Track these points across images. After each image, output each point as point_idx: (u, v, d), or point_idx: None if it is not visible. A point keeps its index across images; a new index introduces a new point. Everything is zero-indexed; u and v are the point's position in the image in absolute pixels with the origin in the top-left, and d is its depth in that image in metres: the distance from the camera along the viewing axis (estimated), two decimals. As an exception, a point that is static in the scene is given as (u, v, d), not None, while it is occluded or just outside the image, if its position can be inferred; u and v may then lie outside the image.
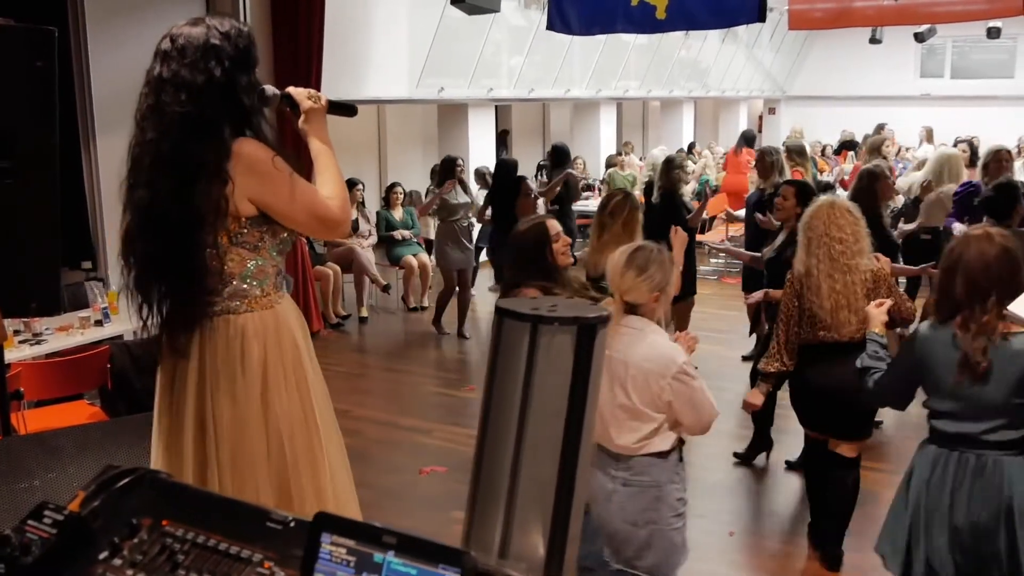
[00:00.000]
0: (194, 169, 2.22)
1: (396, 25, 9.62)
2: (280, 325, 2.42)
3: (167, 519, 1.06)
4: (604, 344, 1.00)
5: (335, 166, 2.49)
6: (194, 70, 2.25)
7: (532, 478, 0.98)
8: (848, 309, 3.80)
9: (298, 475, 2.41)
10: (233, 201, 2.26)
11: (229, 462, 2.35)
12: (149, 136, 2.27)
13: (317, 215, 2.37)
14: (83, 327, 5.24)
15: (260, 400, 2.36)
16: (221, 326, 2.34)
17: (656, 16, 5.82)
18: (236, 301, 2.36)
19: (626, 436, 2.86)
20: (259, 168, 2.28)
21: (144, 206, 2.28)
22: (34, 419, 4.51)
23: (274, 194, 2.31)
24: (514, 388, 1.00)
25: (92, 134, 6.15)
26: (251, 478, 2.36)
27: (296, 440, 2.41)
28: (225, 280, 2.34)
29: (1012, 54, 18.47)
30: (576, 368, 0.98)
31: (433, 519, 4.53)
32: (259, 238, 2.37)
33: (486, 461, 1.02)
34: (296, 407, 2.42)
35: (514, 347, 1.00)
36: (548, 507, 0.98)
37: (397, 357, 7.90)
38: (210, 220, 2.25)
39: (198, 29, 2.29)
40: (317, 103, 2.47)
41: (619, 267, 2.87)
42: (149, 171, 2.27)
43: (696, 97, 17.79)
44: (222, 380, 2.34)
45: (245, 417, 2.35)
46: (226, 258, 2.32)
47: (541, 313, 0.99)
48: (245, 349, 2.35)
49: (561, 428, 0.98)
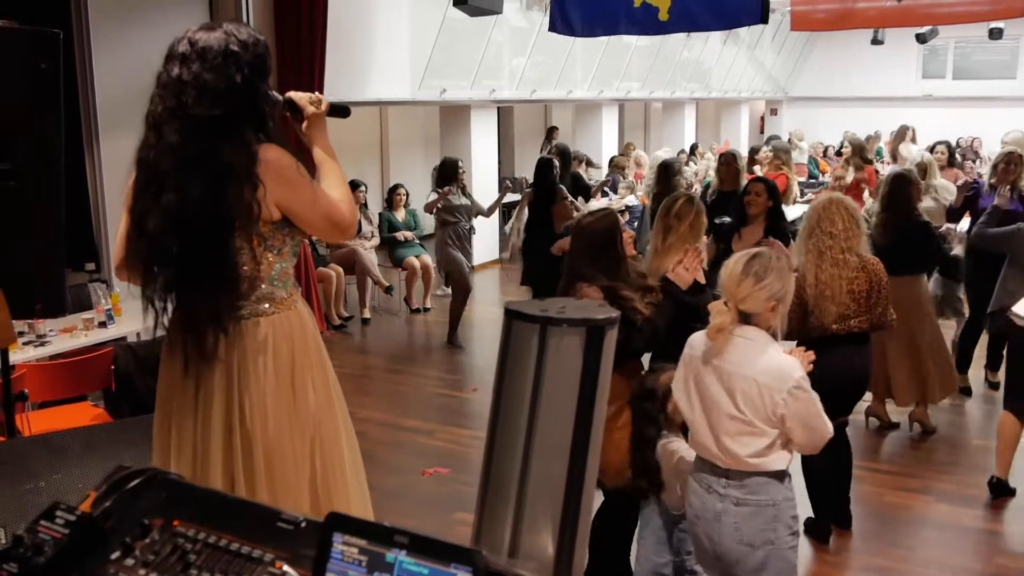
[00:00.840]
0: (224, 173, 2.23)
1: (398, 26, 9.62)
2: (304, 324, 2.47)
3: (178, 519, 1.07)
4: (613, 345, 1.01)
5: (339, 170, 2.52)
6: (217, 74, 2.25)
7: (542, 478, 0.99)
8: (830, 300, 4.00)
9: (327, 474, 2.44)
10: (265, 205, 2.28)
11: (265, 467, 2.36)
12: (171, 139, 2.26)
13: (332, 219, 2.41)
14: (87, 329, 5.25)
15: (291, 401, 2.39)
16: (250, 329, 2.36)
17: (659, 17, 5.82)
18: (265, 303, 2.39)
19: (738, 448, 2.71)
20: (286, 174, 2.31)
21: (174, 210, 2.26)
22: (38, 420, 4.51)
23: (299, 200, 2.35)
24: (523, 389, 1.00)
25: (96, 136, 6.16)
26: (289, 480, 2.38)
27: (325, 439, 2.44)
28: (255, 283, 2.36)
29: (1014, 55, 18.49)
30: (585, 369, 0.99)
31: (436, 520, 4.54)
32: (283, 241, 2.40)
33: (496, 461, 1.03)
34: (323, 405, 2.46)
35: (523, 348, 1.01)
36: (558, 507, 0.98)
37: (400, 358, 7.90)
38: (243, 224, 2.26)
39: (217, 34, 2.30)
40: (319, 107, 2.49)
41: (735, 274, 2.73)
42: (176, 175, 2.25)
43: (698, 98, 17.80)
44: (253, 383, 2.35)
45: (279, 418, 2.37)
46: (258, 262, 2.34)
47: (550, 315, 1.00)
48: (276, 351, 2.37)
49: (570, 429, 0.99)
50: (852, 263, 4.00)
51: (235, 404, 2.35)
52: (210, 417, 2.36)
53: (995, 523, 4.52)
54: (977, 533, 4.41)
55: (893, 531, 4.39)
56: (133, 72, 6.50)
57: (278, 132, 2.42)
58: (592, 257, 3.42)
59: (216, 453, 2.36)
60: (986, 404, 6.12)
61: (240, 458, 2.36)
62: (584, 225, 3.53)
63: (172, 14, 6.39)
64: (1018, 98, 18.13)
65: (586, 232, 3.49)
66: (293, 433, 2.39)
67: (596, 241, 3.45)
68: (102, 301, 5.44)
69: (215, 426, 2.36)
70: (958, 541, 4.34)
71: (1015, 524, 4.53)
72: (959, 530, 4.42)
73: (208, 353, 2.32)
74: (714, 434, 2.74)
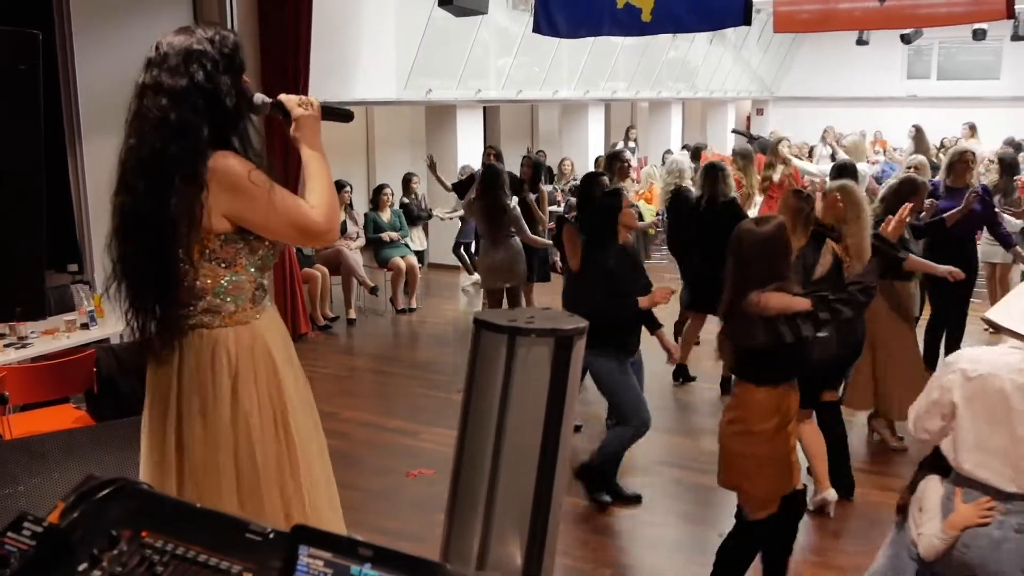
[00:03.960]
0: (170, 170, 2.20)
1: (384, 26, 9.61)
2: (256, 341, 2.40)
3: (147, 530, 1.06)
4: (581, 355, 1.01)
5: (325, 173, 2.44)
6: (175, 75, 2.24)
7: (510, 489, 0.99)
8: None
9: (270, 490, 2.39)
10: (207, 214, 2.23)
11: (195, 478, 2.34)
12: (131, 142, 2.27)
13: (298, 226, 2.33)
14: (69, 330, 5.22)
15: (230, 416, 2.34)
16: (195, 339, 2.33)
17: (642, 19, 5.83)
18: (209, 316, 2.34)
19: None
20: (234, 182, 2.25)
21: (123, 210, 2.28)
22: (19, 423, 4.49)
23: (251, 209, 2.28)
24: (492, 399, 1.00)
25: (78, 136, 6.13)
26: (214, 494, 2.34)
27: (268, 456, 2.39)
28: (198, 294, 2.32)
29: (998, 56, 18.58)
30: (553, 379, 0.99)
31: (420, 521, 4.54)
32: (234, 254, 2.33)
33: (464, 471, 1.03)
34: (269, 423, 2.40)
35: (492, 358, 1.01)
36: (526, 518, 0.98)
37: (385, 359, 7.90)
38: (183, 228, 2.22)
39: (182, 37, 2.29)
40: (308, 109, 2.42)
41: None
42: (130, 175, 2.27)
43: (684, 98, 17.82)
44: (194, 395, 2.33)
45: (214, 432, 2.34)
46: (199, 273, 2.30)
47: (518, 325, 1.00)
48: (215, 364, 2.33)
49: (539, 439, 0.99)
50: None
51: (183, 413, 2.35)
52: (166, 424, 2.36)
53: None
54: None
55: (880, 531, 4.39)
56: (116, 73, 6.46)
57: (257, 132, 2.39)
58: (769, 267, 3.39)
59: (170, 460, 2.36)
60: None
61: (185, 467, 2.36)
62: (754, 234, 3.42)
63: (155, 15, 6.36)
64: (1002, 99, 18.25)
65: (758, 242, 3.40)
66: (225, 447, 2.35)
67: (775, 251, 3.42)
68: (84, 303, 5.42)
69: (169, 433, 2.36)
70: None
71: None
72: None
73: (161, 358, 2.33)
74: (1015, 458, 2.59)
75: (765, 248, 3.39)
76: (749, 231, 3.43)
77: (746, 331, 3.40)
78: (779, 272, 3.40)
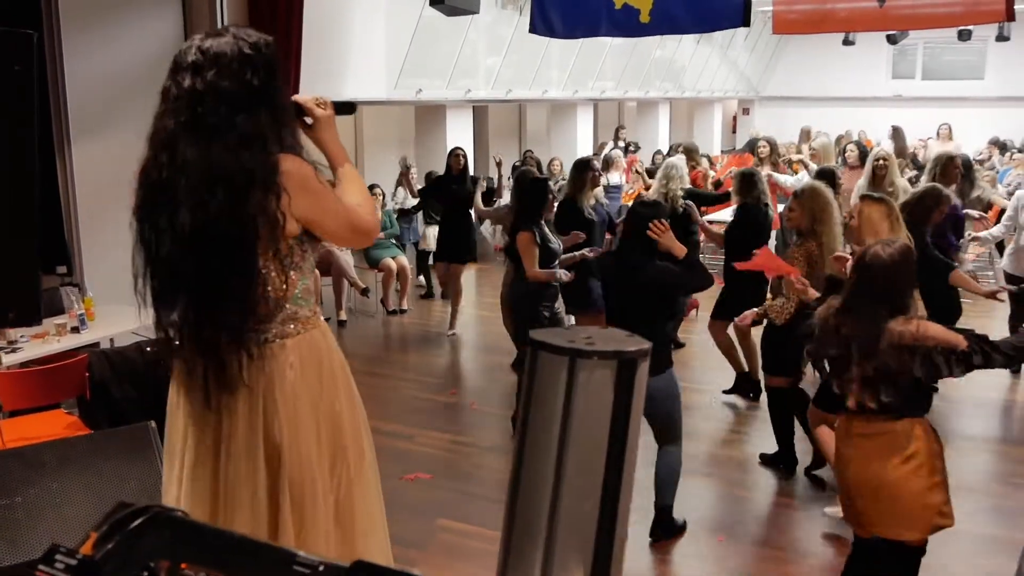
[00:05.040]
0: (247, 182, 2.10)
1: (374, 26, 9.55)
2: (329, 342, 2.37)
3: (186, 562, 1.01)
4: (645, 378, 0.97)
5: (356, 173, 2.42)
6: (234, 80, 2.14)
7: (572, 518, 0.95)
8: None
9: (351, 502, 2.36)
10: (288, 218, 2.16)
11: (293, 501, 2.25)
12: (188, 155, 2.12)
13: (356, 227, 2.31)
14: (59, 334, 5.13)
15: (318, 426, 2.29)
16: (276, 352, 2.23)
17: (640, 20, 5.79)
18: (290, 324, 2.27)
19: None
20: (309, 185, 2.20)
21: (191, 230, 2.11)
22: (10, 429, 4.40)
23: (320, 210, 2.23)
24: (551, 424, 0.96)
25: (67, 138, 6.03)
26: (318, 511, 2.28)
27: (352, 464, 2.35)
28: (280, 304, 2.23)
29: (982, 56, 18.71)
30: (616, 403, 0.95)
31: (419, 526, 4.50)
32: (303, 256, 2.28)
33: (522, 500, 0.98)
34: (349, 427, 2.37)
35: (550, 381, 0.97)
36: (589, 548, 0.94)
37: (377, 361, 7.84)
38: (266, 237, 2.13)
39: (226, 39, 2.18)
40: (326, 109, 2.37)
41: None
42: (195, 191, 2.11)
43: (672, 98, 17.85)
44: (281, 409, 2.23)
45: (308, 447, 2.26)
46: (279, 281, 2.22)
47: (579, 347, 0.95)
48: (304, 373, 2.26)
49: (602, 466, 0.94)
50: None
51: (259, 434, 2.23)
52: (233, 449, 2.23)
53: (983, 525, 4.54)
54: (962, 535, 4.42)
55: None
56: (105, 74, 6.44)
57: (293, 137, 2.30)
58: (900, 291, 3.24)
59: (240, 486, 2.24)
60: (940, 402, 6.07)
61: (264, 491, 2.24)
62: (883, 260, 3.22)
63: (145, 16, 6.28)
64: (986, 98, 18.38)
65: (886, 267, 3.21)
66: (323, 460, 2.29)
67: (904, 276, 3.25)
68: (75, 306, 5.34)
69: (239, 458, 2.23)
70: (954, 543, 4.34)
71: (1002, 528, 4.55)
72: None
73: (231, 382, 2.19)
74: None
75: (895, 273, 3.22)
76: (876, 255, 3.23)
77: (901, 362, 3.15)
78: (907, 298, 3.24)
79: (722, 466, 5.38)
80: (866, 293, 3.23)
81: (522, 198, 5.80)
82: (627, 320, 4.06)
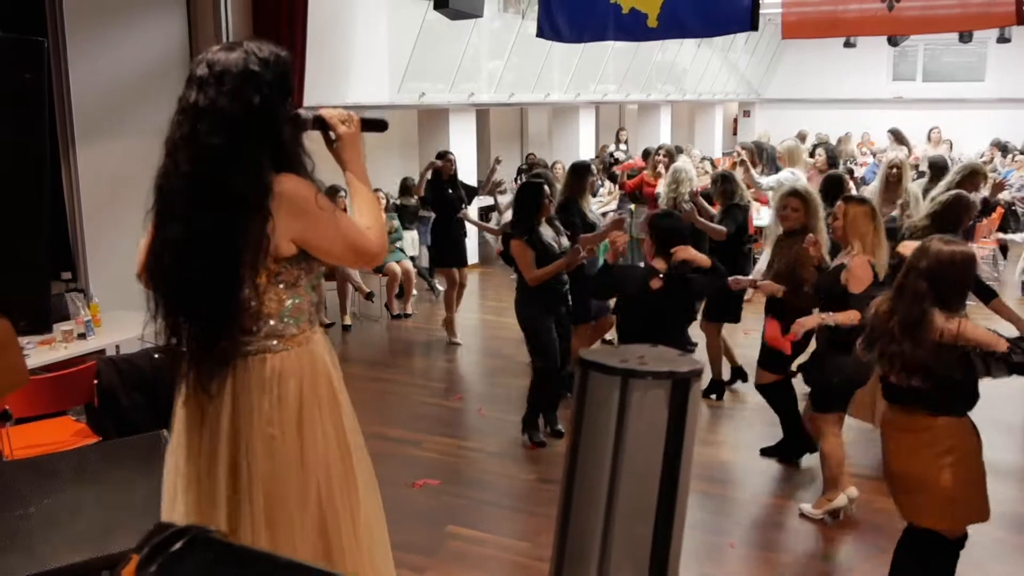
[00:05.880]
0: (233, 204, 2.11)
1: (377, 30, 9.54)
2: (315, 362, 2.34)
3: (228, 584, 1.00)
4: (699, 398, 0.95)
5: (371, 193, 2.42)
6: (233, 99, 2.14)
7: (626, 539, 0.93)
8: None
9: (336, 519, 2.33)
10: (274, 240, 2.16)
11: (264, 510, 2.25)
12: (184, 168, 2.15)
13: (357, 249, 2.30)
14: (66, 340, 5.12)
15: (296, 443, 2.27)
16: (256, 366, 2.25)
17: (647, 24, 5.78)
18: (273, 340, 2.28)
19: None
20: (303, 207, 2.19)
21: (178, 242, 2.16)
22: (19, 437, 4.38)
23: (317, 234, 2.23)
24: (603, 445, 0.94)
25: (72, 144, 6.02)
26: (287, 526, 2.27)
27: (333, 481, 2.33)
28: (262, 319, 2.25)
29: (982, 58, 18.72)
30: (671, 424, 0.93)
31: (428, 533, 4.48)
32: (297, 276, 2.28)
33: (574, 521, 0.97)
34: (332, 446, 2.34)
35: (602, 401, 0.95)
36: (644, 570, 0.93)
37: (382, 366, 7.81)
38: (249, 259, 2.14)
39: (236, 55, 2.19)
40: (351, 126, 2.36)
41: None
42: (184, 206, 2.15)
43: (673, 100, 17.84)
44: (257, 423, 2.24)
45: (282, 461, 2.26)
46: (264, 298, 2.23)
47: (632, 367, 0.94)
48: (281, 390, 2.26)
49: (656, 487, 0.93)
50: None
51: (241, 444, 2.24)
52: (216, 457, 2.26)
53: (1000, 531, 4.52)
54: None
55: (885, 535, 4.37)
56: (109, 79, 6.42)
57: (307, 155, 2.30)
58: (960, 291, 3.35)
59: (220, 494, 2.26)
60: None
61: (243, 500, 2.26)
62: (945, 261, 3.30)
63: (149, 21, 6.28)
64: (986, 100, 18.38)
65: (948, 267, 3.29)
66: (296, 476, 2.28)
67: (964, 276, 3.34)
68: (81, 312, 5.32)
69: (220, 466, 2.25)
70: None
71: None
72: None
73: (210, 390, 2.22)
74: None
75: (950, 269, 3.28)
76: (940, 250, 3.31)
77: (938, 359, 3.24)
78: (957, 297, 3.31)
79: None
80: (918, 278, 3.30)
81: (515, 202, 5.76)
82: (651, 331, 4.08)
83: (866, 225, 4.46)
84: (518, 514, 4.87)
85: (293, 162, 2.25)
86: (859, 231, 4.45)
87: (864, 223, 4.46)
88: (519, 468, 5.43)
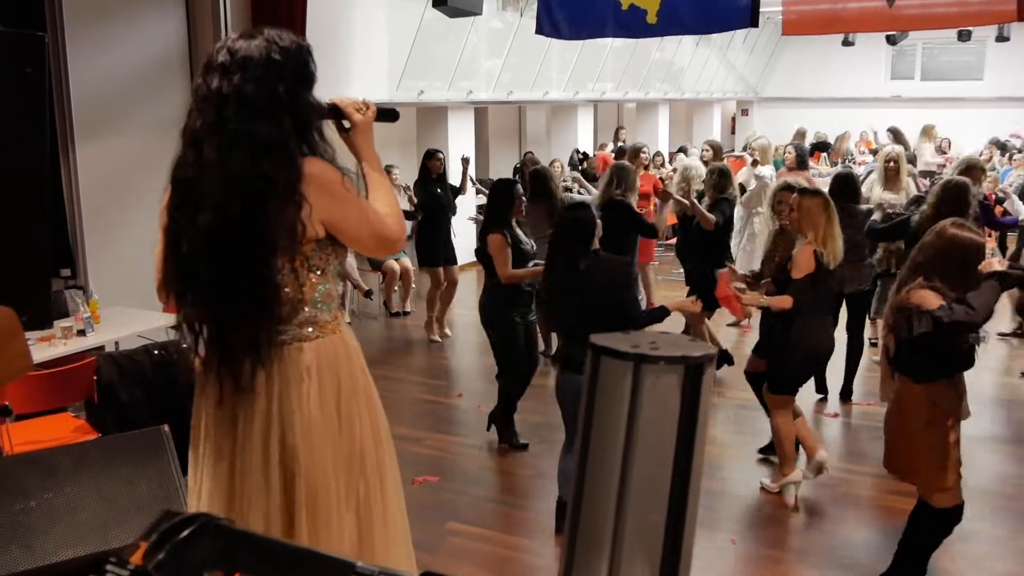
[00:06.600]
0: (267, 190, 2.09)
1: (376, 28, 9.54)
2: (349, 348, 2.34)
3: (239, 571, 0.99)
4: (711, 384, 0.95)
5: (387, 182, 2.41)
6: (258, 86, 2.12)
7: (638, 526, 0.93)
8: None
9: (370, 508, 2.33)
10: (310, 223, 2.15)
11: (307, 505, 2.23)
12: (211, 156, 2.12)
13: (381, 236, 2.29)
14: (66, 337, 5.10)
15: (337, 432, 2.26)
16: (293, 355, 2.22)
17: (647, 20, 5.77)
18: (308, 328, 2.26)
19: None
20: (332, 189, 2.19)
21: (211, 231, 2.12)
22: (18, 433, 4.37)
23: (346, 217, 2.22)
24: (615, 431, 0.94)
25: (71, 140, 6.00)
26: (332, 518, 2.26)
27: (370, 469, 2.33)
28: (298, 307, 2.22)
29: (980, 57, 18.72)
30: (683, 410, 0.93)
31: (429, 529, 4.48)
32: (326, 261, 2.27)
33: (586, 509, 0.96)
34: (368, 434, 2.34)
35: (614, 387, 0.95)
36: (657, 557, 0.92)
37: (381, 364, 7.79)
38: (285, 244, 2.13)
39: (257, 42, 2.17)
40: (366, 114, 2.36)
41: None
42: (216, 193, 2.11)
43: (671, 99, 17.84)
44: (296, 413, 2.21)
45: (324, 452, 2.24)
46: (298, 283, 2.21)
47: (644, 351, 0.93)
48: (320, 377, 2.24)
49: (669, 474, 0.92)
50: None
51: (273, 438, 2.21)
52: (248, 452, 2.23)
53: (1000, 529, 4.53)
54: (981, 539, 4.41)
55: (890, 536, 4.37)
56: (109, 75, 6.40)
57: (327, 143, 2.28)
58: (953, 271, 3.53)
59: (254, 491, 2.23)
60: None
61: (279, 496, 2.23)
62: (958, 246, 3.56)
63: (149, 18, 6.26)
64: (985, 99, 18.38)
65: (961, 253, 3.55)
66: (339, 466, 2.27)
67: (973, 263, 3.53)
68: (80, 308, 5.30)
69: (253, 462, 2.22)
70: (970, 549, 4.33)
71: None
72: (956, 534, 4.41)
73: (245, 383, 2.18)
74: None
75: (947, 251, 3.54)
76: (948, 230, 3.59)
77: (896, 321, 3.60)
78: (945, 277, 3.52)
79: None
80: (922, 252, 3.61)
81: (490, 200, 5.70)
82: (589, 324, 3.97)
83: (819, 216, 4.62)
84: (517, 510, 4.88)
85: (316, 149, 2.24)
86: (813, 222, 4.62)
87: (818, 214, 4.63)
88: (518, 464, 5.44)
